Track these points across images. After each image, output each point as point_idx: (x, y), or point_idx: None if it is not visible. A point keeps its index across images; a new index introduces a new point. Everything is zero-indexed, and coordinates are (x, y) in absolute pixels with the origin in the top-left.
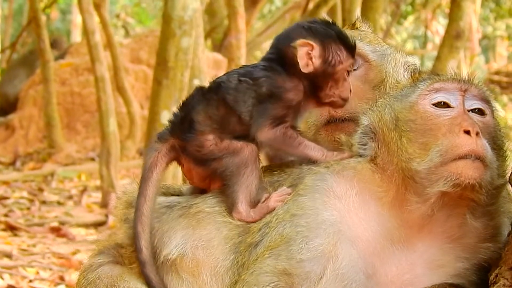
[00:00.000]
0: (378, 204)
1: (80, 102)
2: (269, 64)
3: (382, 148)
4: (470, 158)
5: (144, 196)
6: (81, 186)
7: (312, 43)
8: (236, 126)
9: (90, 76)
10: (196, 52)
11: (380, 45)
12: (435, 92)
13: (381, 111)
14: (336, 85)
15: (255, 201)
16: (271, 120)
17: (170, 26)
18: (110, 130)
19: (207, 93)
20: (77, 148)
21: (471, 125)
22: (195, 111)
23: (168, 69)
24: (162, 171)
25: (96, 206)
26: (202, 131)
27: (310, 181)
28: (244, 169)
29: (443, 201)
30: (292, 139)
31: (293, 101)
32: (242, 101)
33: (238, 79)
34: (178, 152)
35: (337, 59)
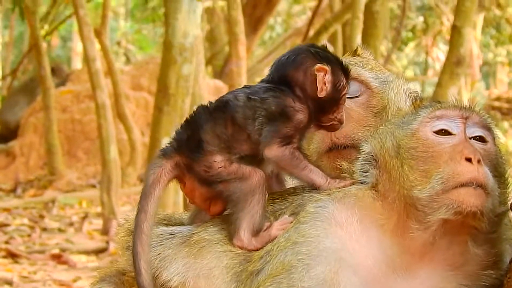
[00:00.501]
0: (379, 231)
1: (81, 129)
2: (275, 86)
3: (384, 175)
4: (472, 186)
5: (145, 212)
6: (82, 213)
7: (326, 68)
8: (244, 145)
9: (91, 103)
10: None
11: (381, 72)
12: (437, 119)
13: (383, 139)
14: (338, 110)
15: (257, 230)
16: (280, 138)
17: (171, 53)
18: (111, 157)
19: (214, 112)
20: (78, 175)
21: (473, 152)
22: (203, 130)
23: (169, 96)
24: (164, 188)
25: (97, 233)
26: (210, 151)
27: (311, 208)
28: (251, 197)
29: (445, 229)
30: (299, 160)
31: (301, 123)
32: (251, 119)
33: (246, 97)
34: (182, 170)
35: (342, 84)
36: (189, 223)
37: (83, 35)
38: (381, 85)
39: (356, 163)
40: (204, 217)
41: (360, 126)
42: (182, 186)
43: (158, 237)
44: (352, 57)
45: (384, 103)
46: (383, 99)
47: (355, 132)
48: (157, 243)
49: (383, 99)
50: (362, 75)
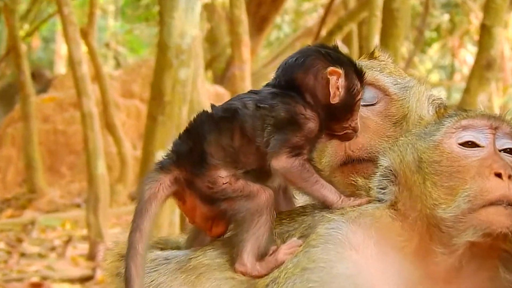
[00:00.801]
0: (399, 255)
1: (65, 141)
2: (283, 91)
3: (404, 192)
4: (502, 204)
5: (140, 231)
6: (65, 236)
7: (339, 71)
8: (251, 158)
9: (76, 112)
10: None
11: (401, 77)
12: (462, 130)
13: (403, 151)
14: (352, 117)
15: (263, 254)
16: (289, 148)
17: (166, 55)
18: (98, 172)
19: (221, 122)
20: (61, 193)
21: (503, 167)
22: (207, 141)
23: (164, 103)
24: (161, 204)
25: (82, 259)
26: (215, 165)
27: (322, 230)
28: (258, 217)
29: (472, 252)
30: (310, 173)
31: (312, 132)
32: (260, 130)
33: (255, 105)
34: (182, 186)
35: (356, 89)
36: (186, 247)
37: (67, 35)
38: (401, 91)
39: (373, 178)
40: (203, 240)
41: (378, 137)
42: (180, 204)
43: (152, 262)
44: (368, 60)
45: (404, 112)
46: (403, 107)
47: (372, 143)
48: (151, 268)
49: (403, 107)
50: (380, 80)
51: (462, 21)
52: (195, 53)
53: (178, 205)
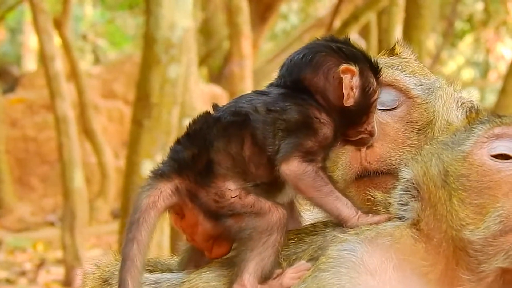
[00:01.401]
0: (422, 282)
1: (36, 149)
2: (293, 92)
3: (427, 210)
4: None
5: (137, 242)
6: (37, 258)
7: (353, 69)
8: (262, 170)
9: (48, 116)
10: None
11: (426, 77)
12: (496, 139)
13: (427, 162)
14: (368, 120)
15: (266, 277)
16: (302, 153)
17: (154, 50)
18: (75, 186)
19: (230, 127)
20: (32, 209)
21: None
22: (214, 149)
23: (151, 106)
24: (160, 216)
25: (57, 285)
26: (223, 176)
27: (334, 252)
28: (267, 237)
29: (504, 280)
30: (324, 183)
31: (328, 139)
32: (272, 138)
33: (267, 108)
34: (184, 198)
35: (372, 88)
36: (179, 269)
37: (38, 26)
38: (426, 93)
39: (393, 193)
40: (199, 261)
41: (399, 146)
42: (178, 219)
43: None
44: (388, 57)
45: (429, 117)
46: (428, 112)
47: (392, 154)
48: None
49: (427, 112)
50: (401, 80)
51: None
52: (187, 48)
53: (175, 220)
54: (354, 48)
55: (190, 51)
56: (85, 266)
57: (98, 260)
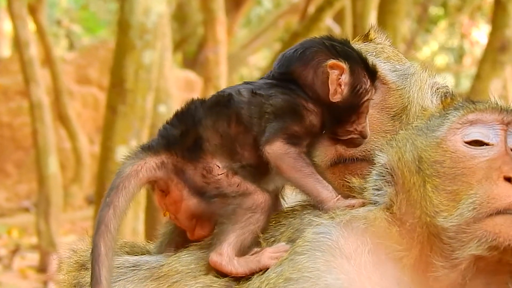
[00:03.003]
0: (397, 267)
1: (11, 135)
2: (280, 83)
3: (401, 195)
4: (511, 213)
5: (114, 208)
6: (12, 245)
7: (343, 66)
8: (248, 151)
9: (23, 102)
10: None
11: (401, 62)
12: (470, 125)
13: (402, 148)
14: (358, 120)
15: (244, 252)
16: (286, 135)
17: (128, 35)
18: (49, 172)
19: (215, 106)
20: (7, 195)
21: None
22: (202, 125)
23: (125, 92)
24: (141, 186)
25: (31, 271)
26: (212, 152)
27: (310, 235)
28: (251, 214)
29: (478, 267)
30: (305, 164)
31: (314, 126)
32: (257, 118)
33: (251, 91)
34: (169, 174)
35: (364, 88)
36: (158, 252)
37: (12, 12)
38: (400, 79)
39: (368, 178)
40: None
41: (374, 133)
42: (161, 197)
43: (118, 268)
44: (363, 43)
45: (404, 103)
46: (403, 97)
47: (367, 140)
48: (117, 276)
49: (402, 97)
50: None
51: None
52: (162, 33)
53: (159, 198)
54: (350, 48)
55: (164, 37)
56: (61, 252)
57: (74, 246)
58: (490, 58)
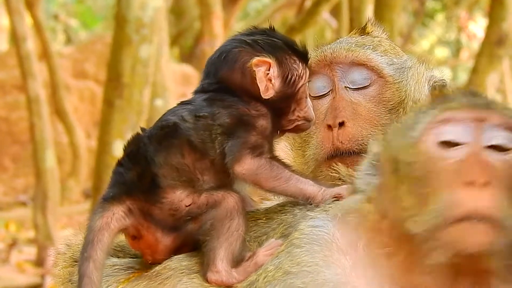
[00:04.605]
0: (389, 263)
1: (8, 129)
2: (217, 95)
3: (382, 189)
4: (473, 220)
5: (93, 261)
6: (9, 238)
7: (269, 60)
8: (208, 175)
9: (20, 96)
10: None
11: (398, 56)
12: (443, 124)
13: (385, 144)
14: (299, 106)
15: (238, 260)
16: (249, 149)
17: (125, 30)
18: (46, 166)
19: (164, 139)
20: (4, 189)
21: (479, 173)
22: (156, 163)
23: (122, 86)
24: (113, 237)
25: (29, 265)
26: (171, 187)
27: (307, 228)
28: (229, 222)
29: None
30: (281, 170)
31: (266, 129)
32: (210, 142)
33: (194, 115)
34: (138, 219)
35: (296, 75)
36: None
37: (10, 6)
38: (397, 72)
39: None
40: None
41: (370, 126)
42: (134, 242)
43: (111, 268)
44: (359, 36)
45: (400, 96)
46: (400, 91)
47: (364, 133)
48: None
49: (399, 91)
50: (373, 60)
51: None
52: (158, 27)
53: (132, 244)
54: (274, 38)
55: (161, 31)
56: (57, 246)
57: (69, 240)
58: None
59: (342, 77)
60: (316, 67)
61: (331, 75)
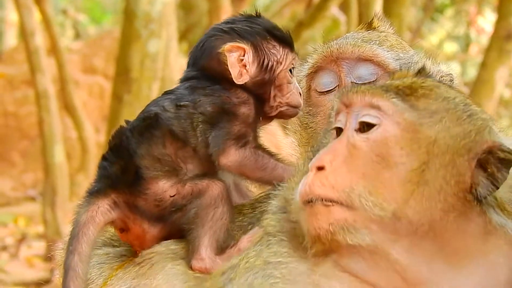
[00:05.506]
0: None
1: (17, 125)
2: (198, 83)
3: None
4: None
5: (78, 254)
6: (18, 233)
7: (243, 46)
8: (191, 163)
9: (29, 91)
10: (167, 58)
11: (404, 51)
12: (336, 114)
13: None
14: (280, 92)
15: (222, 248)
16: (234, 140)
17: (134, 25)
18: (55, 161)
19: (145, 131)
20: (13, 184)
21: (317, 159)
22: (138, 155)
23: (130, 81)
24: (99, 231)
25: (38, 260)
26: (154, 177)
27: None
28: (213, 210)
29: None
30: (266, 159)
31: (249, 116)
32: (191, 130)
33: (175, 105)
34: (124, 212)
35: (274, 60)
36: None
37: (18, 1)
38: (404, 67)
39: None
40: None
41: None
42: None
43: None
44: (366, 31)
45: None
46: None
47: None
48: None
49: None
50: (379, 55)
51: None
52: (167, 22)
53: (121, 237)
54: (255, 24)
55: (170, 26)
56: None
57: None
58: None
59: (349, 72)
60: (322, 62)
61: (338, 71)
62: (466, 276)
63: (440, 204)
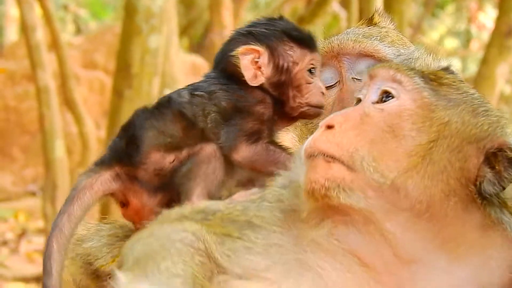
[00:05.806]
0: None
1: (17, 119)
2: (217, 81)
3: None
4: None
5: (68, 215)
6: (18, 228)
7: (258, 48)
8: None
9: (30, 86)
10: (168, 54)
11: (405, 47)
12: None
13: None
14: (299, 92)
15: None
16: (246, 136)
17: (134, 20)
18: (56, 156)
19: (156, 109)
20: (13, 179)
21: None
22: (144, 129)
23: (131, 76)
24: (96, 198)
25: (38, 255)
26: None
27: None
28: (206, 165)
29: None
30: (278, 154)
31: (264, 115)
32: (202, 116)
33: (190, 93)
34: (125, 184)
35: (290, 61)
36: None
37: None
38: (405, 63)
39: None
40: None
41: None
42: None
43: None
44: (367, 27)
45: None
46: None
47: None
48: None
49: None
50: (380, 51)
51: None
52: (168, 18)
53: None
54: (273, 26)
55: (170, 21)
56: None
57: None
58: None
59: (350, 68)
60: (323, 58)
61: (339, 67)
62: (460, 266)
63: (441, 184)
